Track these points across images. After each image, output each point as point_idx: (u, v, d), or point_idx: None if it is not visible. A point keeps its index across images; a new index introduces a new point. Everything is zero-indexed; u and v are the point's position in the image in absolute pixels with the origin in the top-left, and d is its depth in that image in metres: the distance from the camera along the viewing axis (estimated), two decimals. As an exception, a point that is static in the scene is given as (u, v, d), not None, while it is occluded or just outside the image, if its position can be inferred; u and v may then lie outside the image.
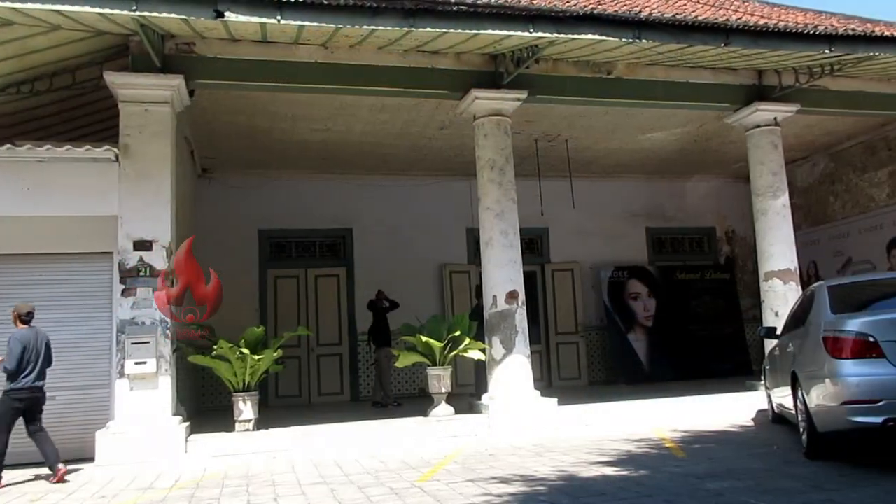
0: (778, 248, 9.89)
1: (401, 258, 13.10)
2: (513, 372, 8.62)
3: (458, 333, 8.74)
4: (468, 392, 10.67)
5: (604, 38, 7.73)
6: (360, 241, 13.27)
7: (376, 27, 7.29)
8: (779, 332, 7.66)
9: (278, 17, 6.81)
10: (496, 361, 8.67)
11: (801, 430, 6.06)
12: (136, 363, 7.29)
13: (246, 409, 7.99)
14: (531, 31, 7.47)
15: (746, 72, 9.97)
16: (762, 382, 8.79)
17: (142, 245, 7.55)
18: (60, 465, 6.48)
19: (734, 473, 5.33)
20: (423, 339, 8.65)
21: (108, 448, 7.07)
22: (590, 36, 7.69)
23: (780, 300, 9.60)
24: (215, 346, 7.86)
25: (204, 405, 11.74)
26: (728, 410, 8.85)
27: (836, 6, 40.09)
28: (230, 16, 6.66)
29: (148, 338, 7.37)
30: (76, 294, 7.79)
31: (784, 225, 9.97)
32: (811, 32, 8.35)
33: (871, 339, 5.12)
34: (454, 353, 8.80)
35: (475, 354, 8.80)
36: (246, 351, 7.84)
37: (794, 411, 6.40)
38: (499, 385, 8.62)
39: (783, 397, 6.96)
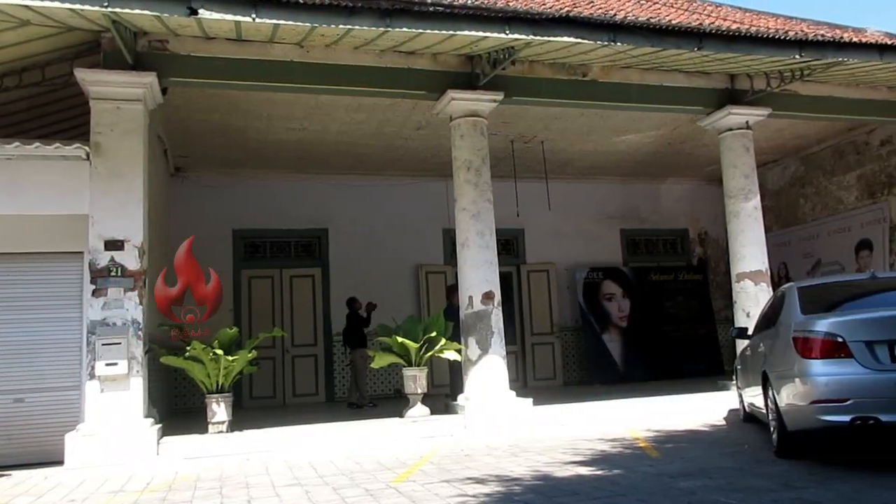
0: (749, 250, 10.03)
1: (376, 258, 13.07)
2: (488, 372, 8.63)
3: (433, 334, 8.74)
4: (444, 392, 10.68)
5: (579, 40, 7.79)
6: (335, 242, 13.22)
7: (352, 27, 7.26)
8: (750, 332, 7.76)
9: (253, 16, 6.75)
10: (472, 362, 8.68)
11: (772, 429, 6.14)
12: (107, 364, 7.18)
13: (219, 410, 7.92)
14: (507, 32, 7.50)
15: (719, 76, 10.10)
16: (734, 382, 8.90)
17: (113, 245, 7.44)
18: None
19: (706, 472, 5.39)
20: (399, 339, 8.64)
21: (77, 451, 6.96)
22: (565, 38, 7.74)
23: (751, 301, 9.74)
24: (188, 348, 7.78)
25: (177, 407, 11.60)
26: (700, 410, 8.95)
27: (805, 12, 40.81)
28: (204, 13, 6.59)
29: (119, 339, 7.26)
30: (45, 294, 7.63)
31: (755, 227, 10.11)
32: (782, 37, 8.48)
33: (840, 340, 5.21)
34: (430, 353, 8.79)
35: (451, 355, 8.80)
36: (219, 352, 7.77)
37: (764, 410, 6.48)
38: (474, 385, 8.63)
39: (754, 397, 7.05)
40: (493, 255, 8.99)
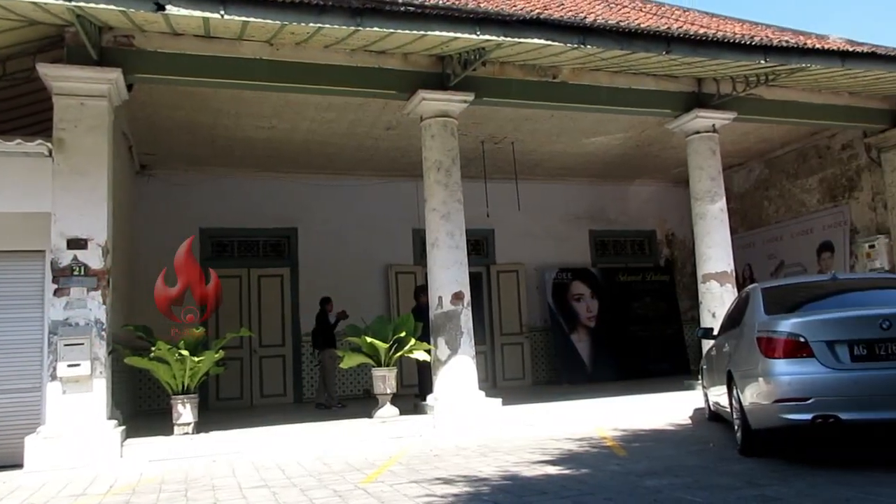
0: (715, 251, 10.18)
1: (346, 258, 13.01)
2: (458, 372, 8.64)
3: (403, 334, 8.73)
4: (413, 393, 10.66)
5: (549, 42, 7.83)
6: (304, 241, 13.12)
7: (323, 25, 7.21)
8: (715, 332, 7.88)
9: (222, 12, 6.67)
10: (441, 362, 8.68)
11: (736, 427, 6.24)
12: (69, 365, 7.03)
13: (185, 411, 7.82)
14: (478, 33, 7.51)
15: (687, 79, 10.24)
16: (699, 382, 9.02)
17: (76, 243, 7.28)
18: None
19: (672, 471, 5.46)
20: (368, 340, 8.61)
21: (38, 453, 6.80)
22: (536, 40, 7.78)
23: (717, 301, 9.88)
24: (153, 348, 7.66)
25: (141, 408, 11.43)
26: (667, 409, 9.05)
27: (769, 18, 41.61)
28: (171, 9, 6.49)
29: (82, 339, 7.11)
30: (5, 293, 7.45)
31: (721, 228, 10.27)
32: (748, 43, 8.63)
33: (802, 340, 5.31)
34: (399, 354, 8.78)
35: (420, 355, 8.79)
36: (185, 352, 7.67)
37: (729, 409, 6.59)
38: (444, 386, 8.63)
39: (719, 396, 7.16)
40: (462, 255, 9.00)
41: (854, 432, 5.78)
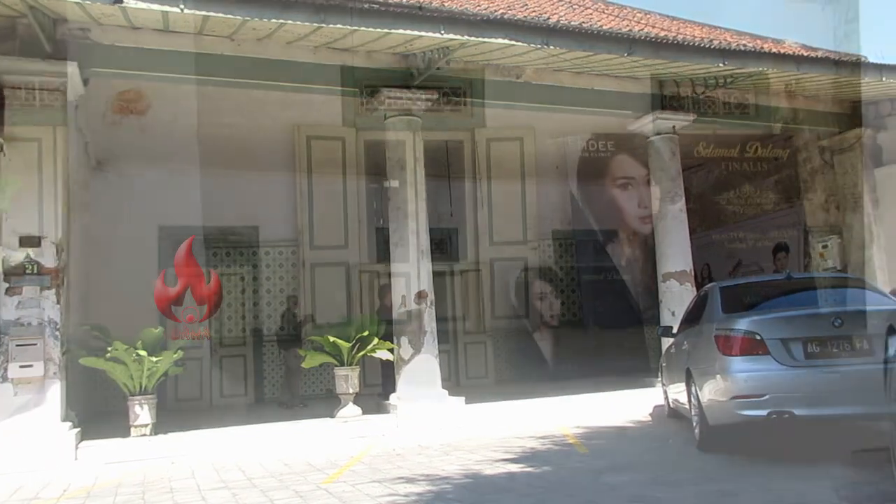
0: (675, 251, 10.35)
1: (308, 258, 12.89)
2: (421, 371, 8.64)
3: (366, 333, 8.69)
4: (376, 392, 10.61)
5: (513, 42, 7.88)
6: (266, 240, 12.96)
7: (285, 21, 7.14)
8: (675, 330, 8.00)
9: (181, 6, 6.56)
10: (404, 361, 8.67)
11: (695, 423, 6.34)
12: (22, 366, 6.86)
13: (143, 413, 7.67)
14: (442, 32, 7.52)
15: (648, 81, 10.35)
16: (659, 379, 9.15)
17: (29, 241, 7.10)
18: None
19: (632, 467, 5.53)
20: (331, 339, 8.55)
21: (-12, 457, 6.62)
22: (499, 40, 7.82)
23: (676, 300, 10.03)
24: (110, 348, 7.50)
25: (98, 409, 11.16)
26: (627, 406, 9.16)
27: (729, 21, 42.39)
28: (129, 2, 6.36)
29: (35, 339, 6.94)
30: (-47, 292, 7.22)
31: (681, 229, 10.43)
32: (707, 46, 8.80)
33: (758, 338, 5.42)
34: (362, 353, 8.73)
35: (383, 354, 8.76)
36: (143, 353, 7.53)
37: (688, 406, 6.69)
38: (407, 385, 8.61)
39: (678, 393, 7.27)
40: (426, 254, 8.99)
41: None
